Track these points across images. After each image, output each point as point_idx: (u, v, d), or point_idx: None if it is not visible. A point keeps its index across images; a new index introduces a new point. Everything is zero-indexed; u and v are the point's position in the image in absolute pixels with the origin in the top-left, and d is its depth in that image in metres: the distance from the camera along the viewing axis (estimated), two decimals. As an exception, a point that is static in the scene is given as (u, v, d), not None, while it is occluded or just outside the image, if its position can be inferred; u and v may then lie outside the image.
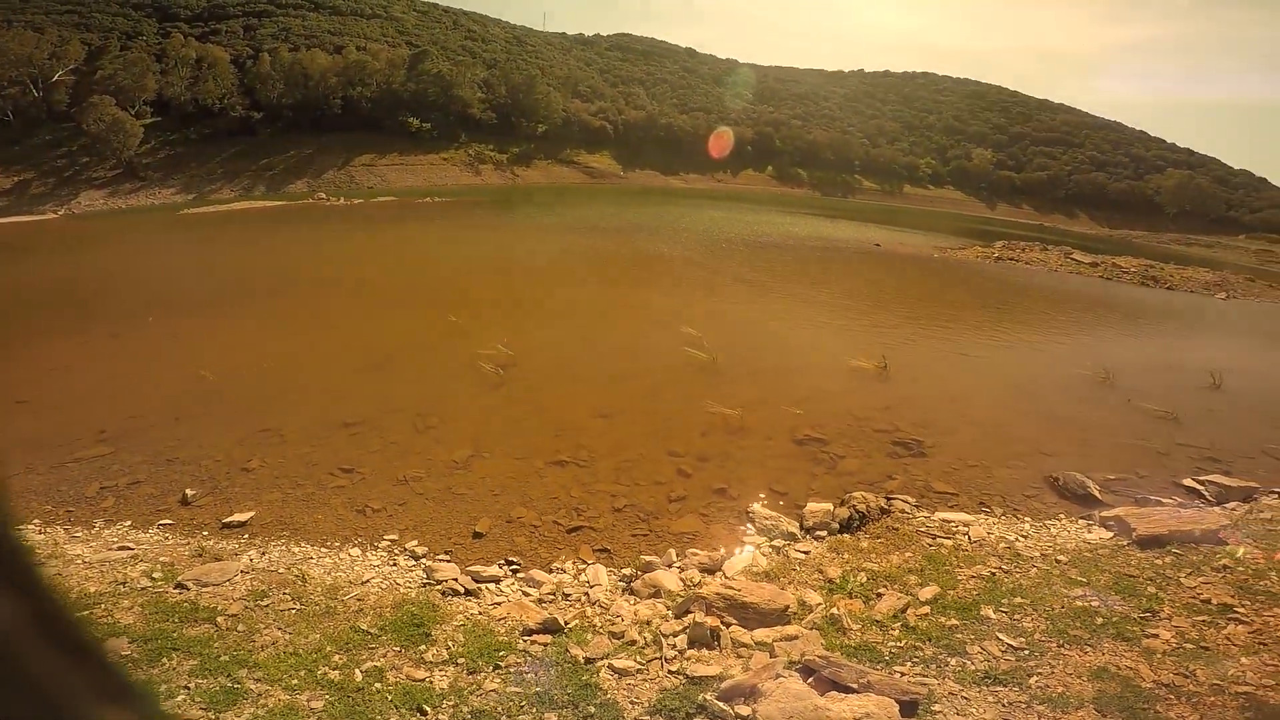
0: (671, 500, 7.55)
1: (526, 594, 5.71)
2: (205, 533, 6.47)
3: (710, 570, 6.22)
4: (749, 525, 7.11)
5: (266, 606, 5.05)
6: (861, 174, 77.22)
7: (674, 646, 4.76)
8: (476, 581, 5.82)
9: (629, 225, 32.72)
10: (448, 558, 6.21)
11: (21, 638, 0.76)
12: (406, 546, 6.32)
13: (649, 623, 5.12)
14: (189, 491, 7.08)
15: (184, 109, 46.72)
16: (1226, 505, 8.23)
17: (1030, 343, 16.75)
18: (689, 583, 5.86)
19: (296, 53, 53.22)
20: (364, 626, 4.85)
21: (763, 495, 7.79)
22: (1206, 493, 8.60)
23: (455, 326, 13.09)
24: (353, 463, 7.86)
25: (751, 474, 8.27)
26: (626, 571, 6.14)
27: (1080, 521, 7.51)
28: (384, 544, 6.37)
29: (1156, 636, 4.99)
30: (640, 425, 9.37)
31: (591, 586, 5.86)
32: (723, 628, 4.93)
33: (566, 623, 5.10)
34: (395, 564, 6.03)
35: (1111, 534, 7.01)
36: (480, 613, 5.26)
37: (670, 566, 6.25)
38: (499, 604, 5.48)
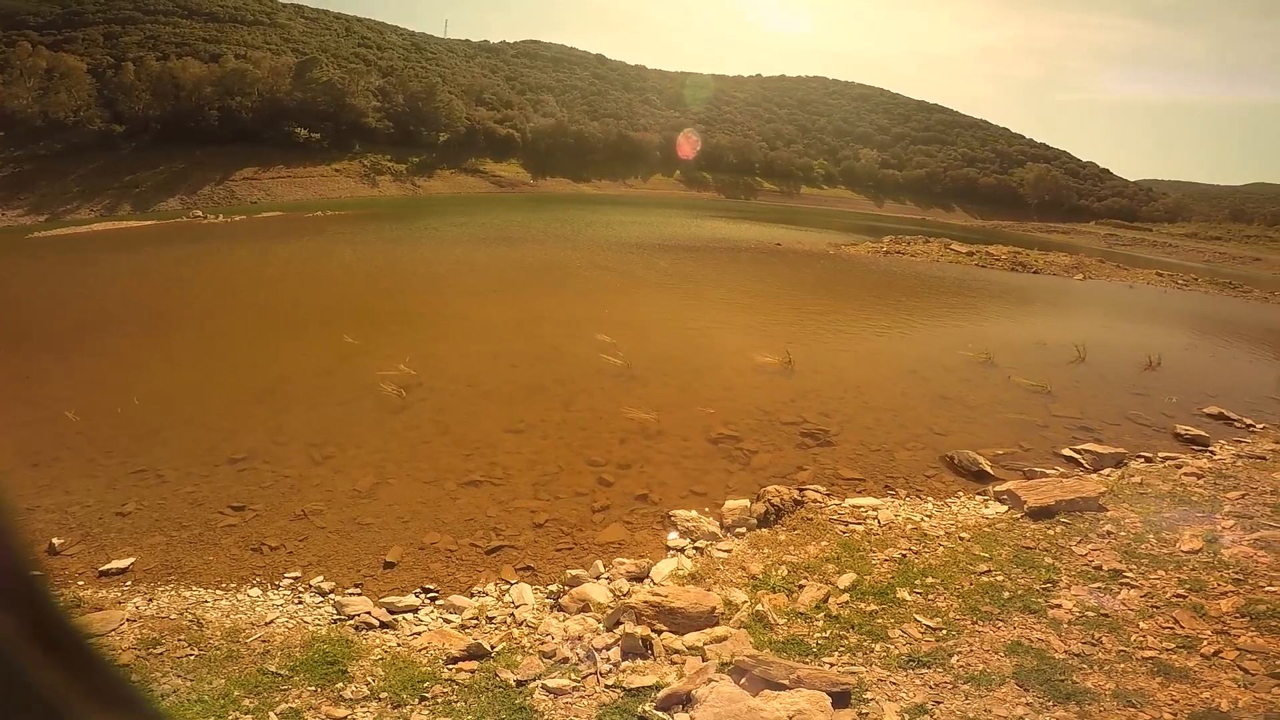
0: (595, 511, 7.43)
1: (448, 621, 5.45)
2: (81, 582, 5.80)
3: (639, 578, 6.16)
4: (672, 529, 7.11)
5: (161, 654, 4.61)
6: (762, 176, 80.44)
7: (608, 660, 4.65)
8: (392, 613, 5.51)
9: (538, 233, 32.35)
10: (358, 591, 5.84)
11: (22, 644, 0.78)
12: (312, 583, 5.90)
13: (581, 638, 4.98)
14: (56, 541, 6.29)
15: (32, 122, 41.93)
16: (1102, 471, 8.93)
17: (919, 329, 17.91)
18: (618, 593, 5.78)
19: (166, 61, 49.09)
20: (273, 668, 4.49)
21: (684, 497, 7.80)
22: (1084, 461, 9.31)
23: (352, 347, 12.28)
24: (243, 499, 7.27)
25: (671, 477, 8.29)
26: (553, 588, 5.97)
27: (977, 498, 7.96)
28: (286, 582, 5.92)
29: (1060, 606, 5.23)
30: (557, 437, 9.18)
31: (517, 607, 5.66)
32: (654, 636, 4.86)
33: (493, 646, 4.90)
34: (301, 601, 5.62)
35: (1006, 508, 7.43)
36: (399, 644, 4.99)
37: (598, 578, 6.14)
38: (419, 634, 5.20)
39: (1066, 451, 9.64)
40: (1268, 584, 5.41)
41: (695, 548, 6.77)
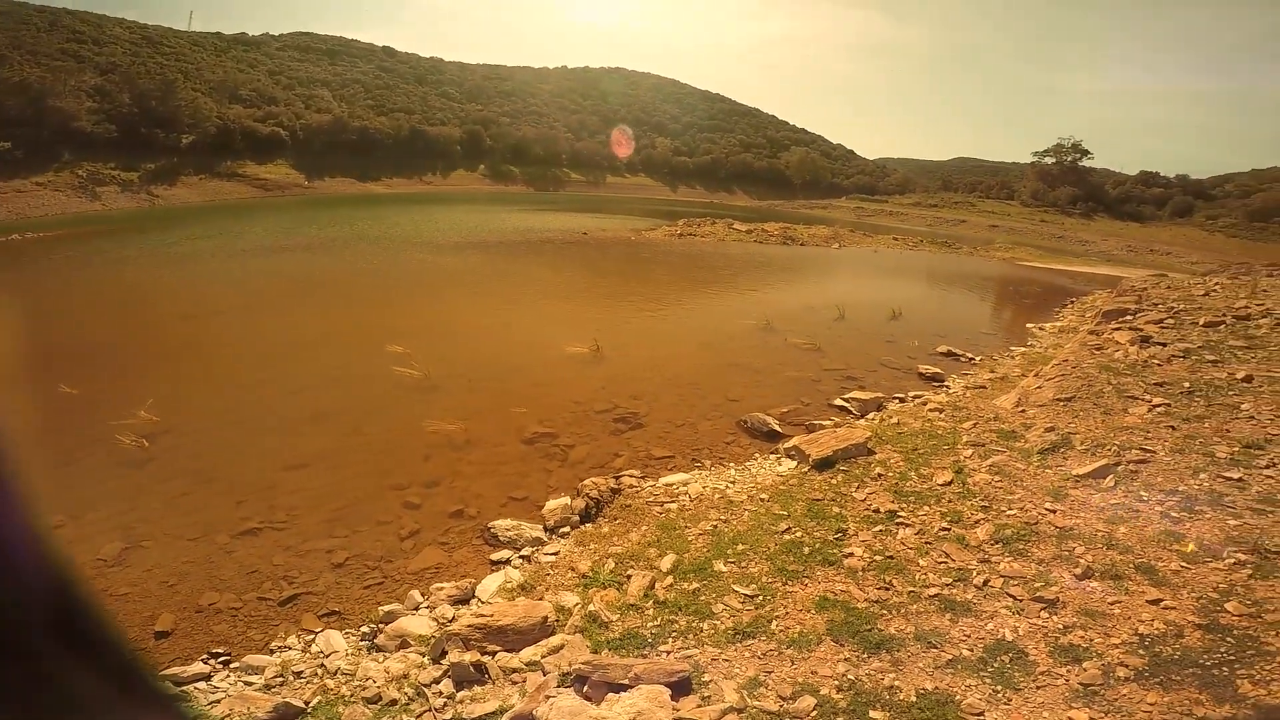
0: (404, 538, 6.86)
1: (248, 683, 4.79)
2: None
3: (464, 600, 5.82)
4: (494, 541, 6.80)
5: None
6: (569, 167, 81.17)
7: (440, 694, 4.30)
8: (178, 684, 4.76)
9: (313, 241, 28.93)
10: (130, 668, 4.85)
11: (50, 639, 0.79)
12: (68, 666, 4.76)
13: (406, 676, 4.57)
14: None
15: None
16: (867, 416, 10.10)
17: (710, 303, 19.29)
18: (442, 620, 5.41)
19: None
20: None
21: (503, 505, 7.51)
22: (852, 408, 10.52)
23: (73, 398, 9.91)
24: (-60, 595, 5.58)
25: (486, 487, 7.92)
26: (365, 629, 5.45)
27: (771, 457, 8.54)
28: (34, 671, 4.72)
29: (852, 555, 5.52)
30: (349, 466, 8.29)
31: (327, 656, 5.10)
32: (487, 659, 4.56)
33: (307, 702, 4.37)
34: (62, 690, 4.52)
35: (795, 463, 7.95)
36: (196, 716, 4.27)
37: (417, 609, 5.69)
38: (216, 702, 4.55)
39: (838, 401, 10.91)
40: (1006, 508, 6.03)
41: (521, 556, 6.56)
